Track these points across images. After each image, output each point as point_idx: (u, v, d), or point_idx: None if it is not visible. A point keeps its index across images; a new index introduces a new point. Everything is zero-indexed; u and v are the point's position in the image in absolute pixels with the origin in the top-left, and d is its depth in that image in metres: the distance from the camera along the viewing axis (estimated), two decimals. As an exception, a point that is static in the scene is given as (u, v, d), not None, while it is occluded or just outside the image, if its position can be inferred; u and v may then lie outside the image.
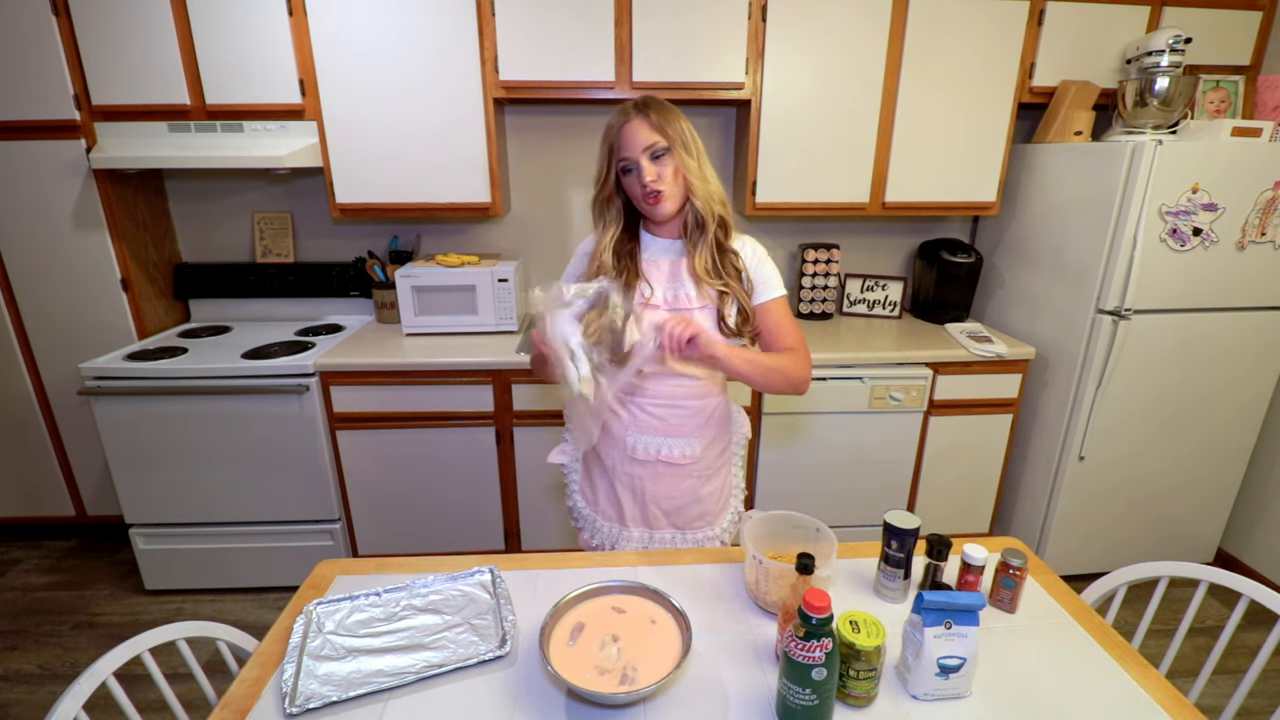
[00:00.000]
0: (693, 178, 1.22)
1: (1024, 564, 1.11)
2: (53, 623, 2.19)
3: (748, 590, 1.16)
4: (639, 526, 1.39)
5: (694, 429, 1.33)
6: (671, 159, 1.20)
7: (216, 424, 2.11)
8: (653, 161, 1.19)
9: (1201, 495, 2.35)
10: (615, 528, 1.40)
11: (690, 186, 1.23)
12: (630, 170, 1.21)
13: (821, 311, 2.63)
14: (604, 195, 1.27)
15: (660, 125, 1.18)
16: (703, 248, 1.26)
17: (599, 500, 1.41)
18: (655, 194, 1.20)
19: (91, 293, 2.26)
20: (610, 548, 1.40)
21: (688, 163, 1.21)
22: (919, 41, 2.17)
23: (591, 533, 1.43)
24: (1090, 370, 2.12)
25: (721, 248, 1.27)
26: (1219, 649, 1.21)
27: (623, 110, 1.21)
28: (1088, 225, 2.09)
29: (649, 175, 1.19)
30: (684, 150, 1.21)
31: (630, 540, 1.39)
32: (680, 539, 1.40)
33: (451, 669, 0.97)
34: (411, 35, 2.07)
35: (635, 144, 1.18)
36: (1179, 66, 2.08)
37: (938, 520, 2.43)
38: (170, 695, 1.10)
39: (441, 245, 2.65)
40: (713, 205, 1.25)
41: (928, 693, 0.94)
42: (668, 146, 1.19)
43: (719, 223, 1.26)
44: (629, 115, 1.19)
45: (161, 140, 2.14)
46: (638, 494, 1.36)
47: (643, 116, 1.19)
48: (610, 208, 1.28)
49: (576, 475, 1.45)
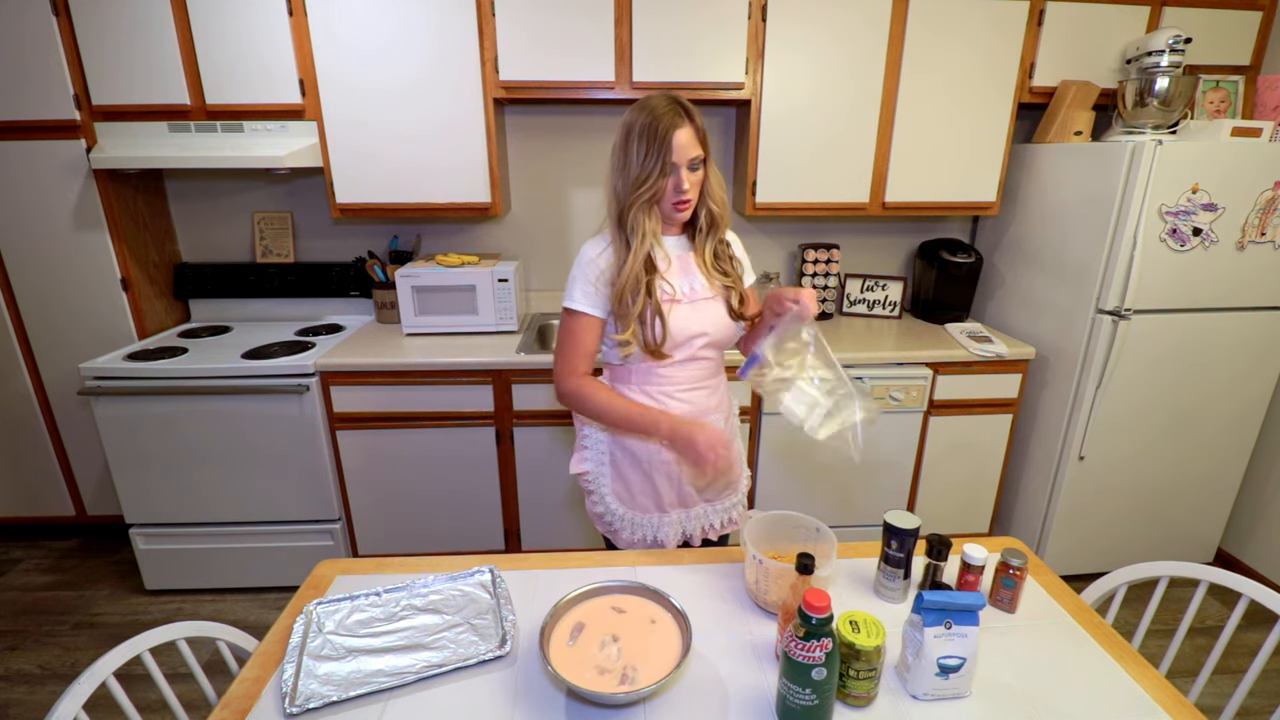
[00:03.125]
0: (712, 181, 1.27)
1: (1024, 564, 1.11)
2: (53, 623, 2.19)
3: (747, 590, 1.16)
4: (676, 509, 1.41)
5: (714, 405, 1.38)
6: (704, 168, 1.24)
7: (217, 424, 2.11)
8: (690, 171, 1.21)
9: (1201, 495, 2.35)
10: (654, 518, 1.40)
11: (709, 191, 1.27)
12: (669, 174, 1.21)
13: (821, 311, 2.63)
14: (648, 196, 1.21)
15: (703, 136, 1.21)
16: (709, 244, 1.32)
17: (634, 496, 1.39)
18: (686, 202, 1.24)
19: (91, 293, 2.26)
20: (652, 539, 1.40)
21: (712, 169, 1.26)
22: (919, 41, 2.17)
23: (631, 529, 1.41)
24: (1090, 370, 2.12)
25: (720, 242, 1.35)
26: (1219, 649, 1.21)
27: (669, 111, 1.17)
28: (1088, 225, 2.09)
29: (686, 184, 1.21)
30: (710, 160, 1.25)
31: (669, 524, 1.40)
32: (711, 510, 1.44)
33: (451, 669, 0.98)
34: (411, 35, 2.07)
35: (683, 152, 1.18)
36: (1179, 66, 2.08)
37: (938, 520, 2.43)
38: (170, 695, 1.10)
39: (441, 245, 2.65)
40: (725, 209, 1.32)
41: (928, 693, 0.94)
42: (704, 158, 1.23)
43: (727, 222, 1.33)
44: (679, 120, 1.17)
45: (161, 140, 2.14)
46: (674, 478, 1.37)
47: (690, 124, 1.19)
48: (653, 210, 1.24)
49: (605, 480, 1.41)
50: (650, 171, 1.18)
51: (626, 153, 1.19)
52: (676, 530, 1.41)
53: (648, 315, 1.25)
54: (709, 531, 1.45)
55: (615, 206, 1.24)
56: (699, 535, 1.45)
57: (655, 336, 1.25)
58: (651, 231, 1.24)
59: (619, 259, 1.25)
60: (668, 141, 1.16)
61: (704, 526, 1.44)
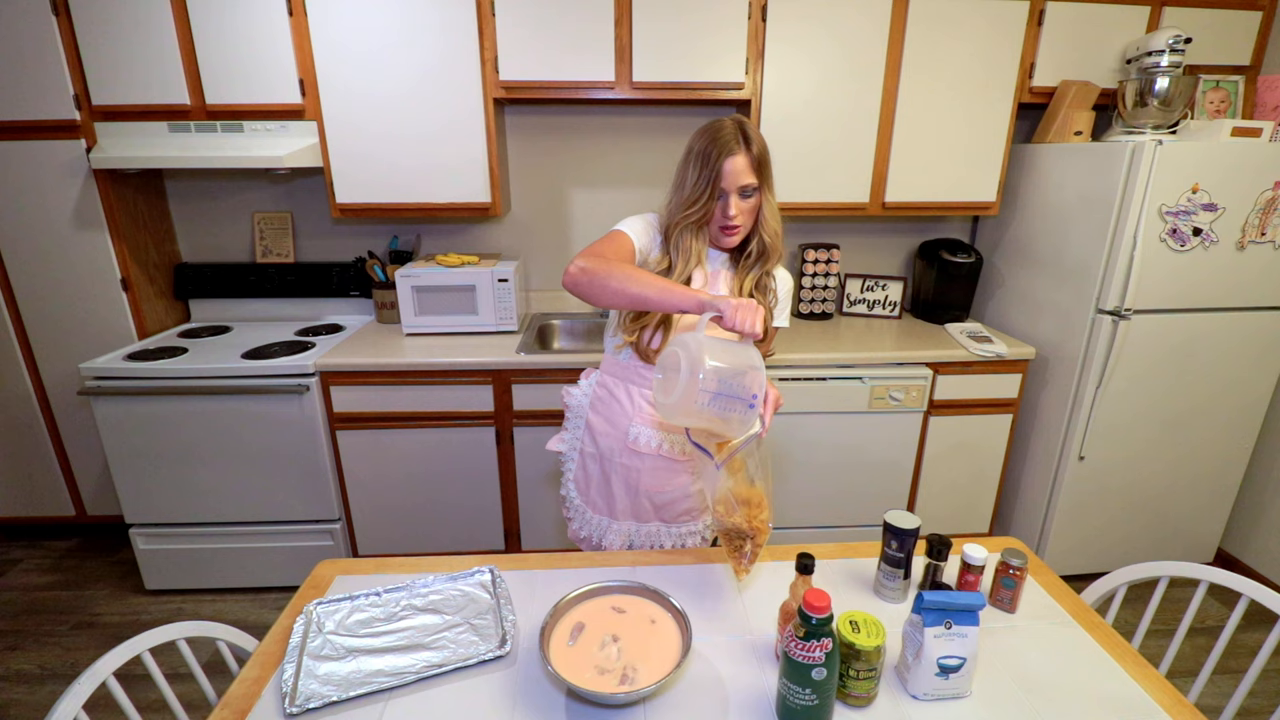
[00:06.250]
0: (767, 211, 1.24)
1: (1024, 564, 1.11)
2: (53, 623, 2.19)
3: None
4: (628, 519, 1.40)
5: None
6: (758, 196, 1.22)
7: (216, 424, 2.11)
8: (742, 199, 1.20)
9: (1201, 495, 2.35)
10: (603, 520, 1.41)
11: (763, 221, 1.25)
12: (717, 197, 1.21)
13: (821, 311, 2.63)
14: (696, 217, 1.21)
15: (759, 164, 1.20)
16: (754, 273, 1.29)
17: (590, 491, 1.41)
18: (734, 229, 1.22)
19: (91, 293, 2.26)
20: (597, 540, 1.41)
21: (769, 199, 1.24)
22: (919, 41, 2.17)
23: (580, 524, 1.44)
24: (1090, 370, 2.12)
25: (766, 274, 1.31)
26: (1219, 649, 1.20)
27: (728, 137, 1.17)
28: (1088, 225, 2.09)
29: (734, 210, 1.20)
30: (769, 189, 1.23)
31: (617, 533, 1.39)
32: (665, 532, 1.41)
33: (451, 669, 0.98)
34: (411, 35, 2.07)
35: (735, 179, 1.18)
36: (1179, 66, 2.08)
37: (938, 520, 2.43)
38: (170, 695, 1.10)
39: (441, 245, 2.65)
40: (778, 242, 1.28)
41: (928, 693, 0.94)
42: (759, 187, 1.21)
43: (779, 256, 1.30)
44: (735, 147, 1.17)
45: (161, 140, 2.14)
46: (631, 486, 1.37)
47: (747, 151, 1.18)
48: (700, 233, 1.24)
49: (572, 464, 1.44)
50: (700, 194, 1.19)
51: (683, 173, 1.22)
52: (622, 541, 1.40)
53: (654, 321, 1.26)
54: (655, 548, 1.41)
55: (666, 220, 1.26)
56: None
57: (652, 343, 1.26)
58: (697, 252, 1.24)
59: (660, 265, 1.25)
60: (719, 167, 1.17)
61: (653, 545, 1.41)
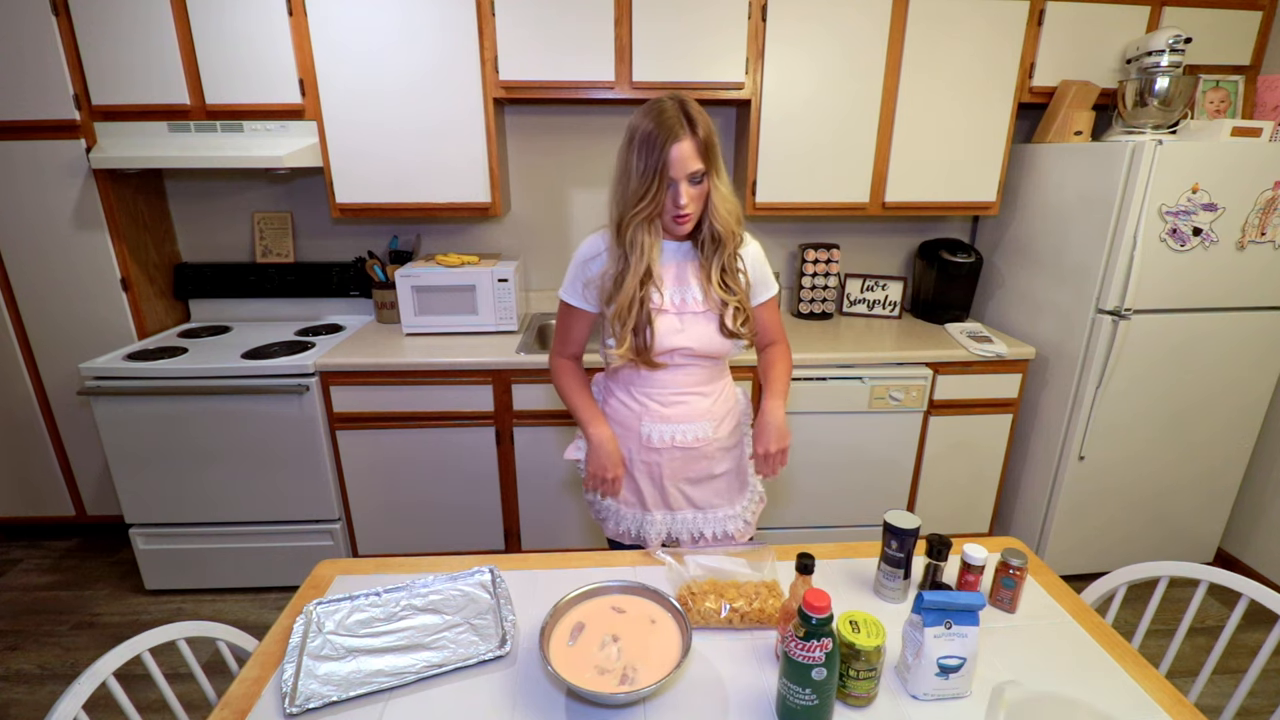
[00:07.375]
0: (716, 199, 1.21)
1: (1024, 564, 1.11)
2: (53, 623, 2.19)
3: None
4: (660, 509, 1.40)
5: (703, 413, 1.35)
6: (706, 182, 1.19)
7: (216, 424, 2.11)
8: (691, 185, 1.17)
9: (1201, 495, 2.35)
10: (638, 513, 1.40)
11: (713, 208, 1.21)
12: (666, 187, 1.17)
13: (821, 311, 2.63)
14: (646, 213, 1.18)
15: (705, 149, 1.15)
16: (716, 261, 1.27)
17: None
18: (685, 216, 1.19)
19: (91, 293, 2.26)
20: (636, 533, 1.40)
21: (717, 185, 1.20)
22: (919, 41, 2.17)
23: (616, 521, 1.43)
24: (1090, 370, 2.12)
25: (731, 260, 1.28)
26: (1219, 649, 1.21)
27: (670, 121, 1.12)
28: (1088, 225, 2.09)
29: (684, 199, 1.16)
30: (716, 174, 1.20)
31: (654, 523, 1.39)
32: (701, 518, 1.41)
33: (451, 669, 0.98)
34: (411, 35, 2.06)
35: (683, 166, 1.13)
36: (1179, 66, 2.08)
37: (938, 520, 2.43)
38: (170, 695, 1.10)
39: (441, 245, 2.65)
40: (731, 224, 1.24)
41: (928, 693, 0.94)
42: (707, 171, 1.18)
43: (735, 240, 1.27)
44: (680, 133, 1.12)
45: (161, 140, 2.14)
46: (655, 478, 1.37)
47: (693, 136, 1.13)
48: (652, 226, 1.21)
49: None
50: (648, 186, 1.15)
51: (627, 160, 1.17)
52: (661, 530, 1.40)
53: (640, 324, 1.24)
54: (699, 540, 1.42)
55: (615, 214, 1.22)
56: (689, 540, 1.42)
57: (646, 343, 1.25)
58: (650, 245, 1.22)
59: (615, 267, 1.24)
60: (665, 155, 1.12)
61: (693, 534, 1.41)
